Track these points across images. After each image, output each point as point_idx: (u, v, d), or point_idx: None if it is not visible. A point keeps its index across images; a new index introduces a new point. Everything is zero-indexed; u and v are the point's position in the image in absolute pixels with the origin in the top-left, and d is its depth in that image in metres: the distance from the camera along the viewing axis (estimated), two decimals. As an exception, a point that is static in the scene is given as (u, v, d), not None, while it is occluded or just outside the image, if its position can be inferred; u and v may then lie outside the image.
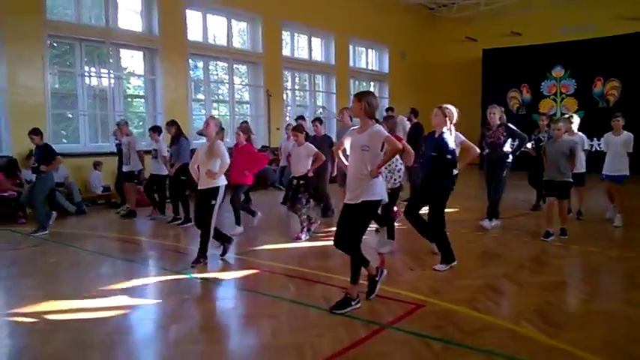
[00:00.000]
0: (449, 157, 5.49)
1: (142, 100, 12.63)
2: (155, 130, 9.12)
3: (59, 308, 4.50)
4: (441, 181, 5.54)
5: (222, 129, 6.16)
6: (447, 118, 5.57)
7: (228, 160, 6.01)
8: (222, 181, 5.94)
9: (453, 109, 5.70)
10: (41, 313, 4.37)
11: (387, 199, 4.55)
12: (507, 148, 7.37)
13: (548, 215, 6.93)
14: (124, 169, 9.49)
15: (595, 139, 15.24)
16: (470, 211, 8.92)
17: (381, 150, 4.38)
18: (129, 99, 12.76)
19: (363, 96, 4.44)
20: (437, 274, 5.38)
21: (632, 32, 15.71)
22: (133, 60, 12.53)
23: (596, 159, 8.74)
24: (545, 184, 7.00)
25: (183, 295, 4.85)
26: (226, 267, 5.93)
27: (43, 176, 7.96)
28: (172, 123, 8.95)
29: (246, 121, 11.44)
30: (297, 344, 3.61)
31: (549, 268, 5.65)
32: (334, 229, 4.64)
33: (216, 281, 5.34)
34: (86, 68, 11.43)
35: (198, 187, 6.01)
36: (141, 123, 12.50)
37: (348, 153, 4.62)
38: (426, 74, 20.41)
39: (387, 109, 11.56)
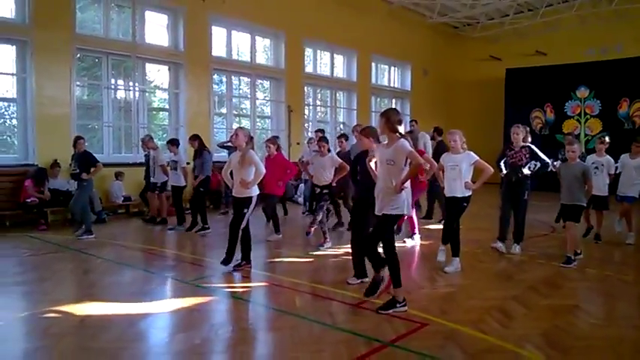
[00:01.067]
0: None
1: (166, 113, 12.89)
2: (173, 142, 9.39)
3: (71, 313, 4.61)
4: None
5: (252, 138, 6.50)
6: (374, 140, 5.50)
7: (263, 169, 6.34)
8: (255, 191, 6.28)
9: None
10: (54, 318, 4.49)
11: (410, 214, 4.82)
12: (526, 170, 7.14)
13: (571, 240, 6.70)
14: (152, 180, 9.89)
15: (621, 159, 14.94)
16: (485, 231, 8.83)
17: (405, 164, 4.56)
18: (153, 112, 13.04)
19: (384, 113, 4.74)
20: (445, 294, 5.36)
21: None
22: (158, 74, 12.84)
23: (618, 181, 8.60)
24: (562, 207, 6.92)
25: (190, 305, 4.92)
26: (237, 279, 5.99)
27: (84, 184, 8.38)
28: (195, 137, 9.27)
29: (277, 136, 11.73)
30: (297, 359, 3.64)
31: (561, 291, 5.56)
32: (346, 246, 4.82)
33: (225, 293, 5.41)
34: (112, 81, 11.74)
35: (233, 194, 6.41)
36: (164, 135, 12.74)
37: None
38: (448, 92, 20.39)
39: (411, 121, 11.63)
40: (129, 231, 9.44)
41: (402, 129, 4.66)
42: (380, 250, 4.81)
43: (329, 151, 7.91)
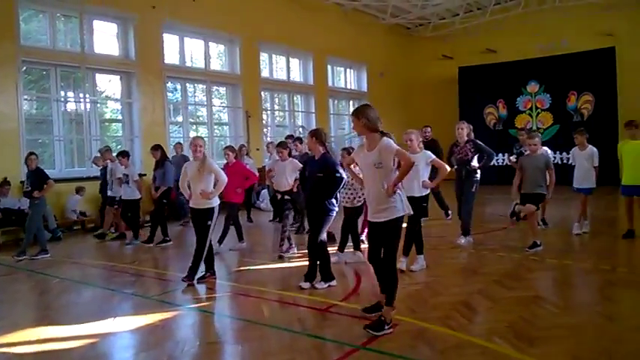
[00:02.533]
0: (337, 175, 5.52)
1: (119, 124, 12.56)
2: (124, 155, 9.06)
3: (27, 337, 4.40)
4: (325, 203, 5.55)
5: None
6: (317, 142, 5.65)
7: (225, 177, 6.17)
8: (216, 201, 6.13)
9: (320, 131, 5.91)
10: (8, 344, 4.27)
11: (411, 212, 4.47)
12: (475, 163, 7.40)
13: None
14: (109, 194, 9.53)
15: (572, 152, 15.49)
16: (449, 227, 8.98)
17: (395, 164, 4.24)
18: (105, 123, 12.68)
19: (359, 112, 4.24)
20: (412, 292, 5.38)
21: (604, 47, 16.09)
22: (109, 84, 12.50)
23: (569, 172, 8.86)
24: (523, 197, 7.09)
25: (154, 322, 4.77)
26: (201, 292, 5.86)
27: (36, 202, 8.04)
28: (157, 147, 9.09)
29: (244, 145, 11.64)
30: (267, 369, 3.58)
31: (524, 282, 5.68)
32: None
33: (190, 307, 5.28)
34: (62, 93, 11.36)
35: (191, 206, 6.21)
36: (118, 147, 12.39)
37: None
38: (404, 92, 20.66)
39: None
40: (86, 248, 9.13)
41: (381, 126, 4.27)
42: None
43: (290, 155, 7.85)
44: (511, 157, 8.99)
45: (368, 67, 19.41)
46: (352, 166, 5.34)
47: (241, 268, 6.87)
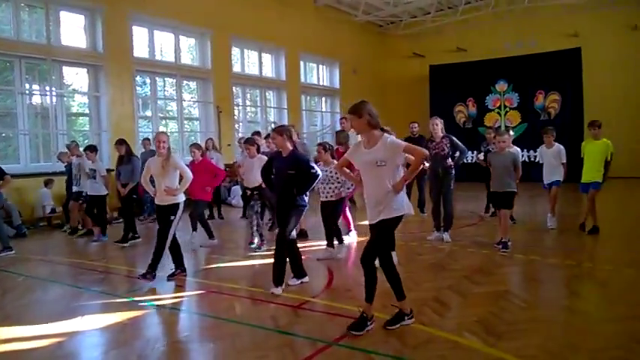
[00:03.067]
0: (313, 171, 5.50)
1: (87, 118, 12.28)
2: (91, 149, 8.82)
3: (-10, 339, 4.27)
4: (297, 199, 5.50)
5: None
6: (286, 138, 5.56)
7: (190, 174, 6.07)
8: (181, 197, 6.02)
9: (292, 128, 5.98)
10: (-30, 345, 4.13)
11: (412, 212, 4.25)
12: (449, 160, 7.50)
13: (504, 226, 7.03)
14: (74, 189, 9.31)
15: (538, 150, 15.84)
16: (419, 223, 9.08)
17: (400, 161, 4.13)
18: (72, 117, 12.39)
19: (361, 109, 4.06)
20: (385, 288, 5.40)
21: (571, 47, 16.49)
22: (76, 77, 12.21)
23: (536, 170, 9.06)
24: (492, 195, 7.20)
25: (123, 320, 4.69)
26: (172, 289, 5.79)
27: None
28: (122, 142, 8.81)
29: (211, 138, 11.48)
30: (240, 366, 3.55)
31: (493, 277, 5.78)
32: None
33: (160, 304, 5.20)
34: (27, 86, 11.05)
35: (157, 202, 6.09)
36: (85, 141, 12.13)
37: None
38: (376, 89, 20.74)
39: (341, 119, 11.62)
40: (52, 244, 8.91)
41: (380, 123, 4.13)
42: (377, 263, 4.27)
43: (258, 151, 7.79)
44: (479, 156, 9.14)
45: (340, 63, 19.44)
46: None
47: (211, 266, 6.81)
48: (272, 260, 5.45)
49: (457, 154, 7.54)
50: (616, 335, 3.94)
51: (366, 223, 4.29)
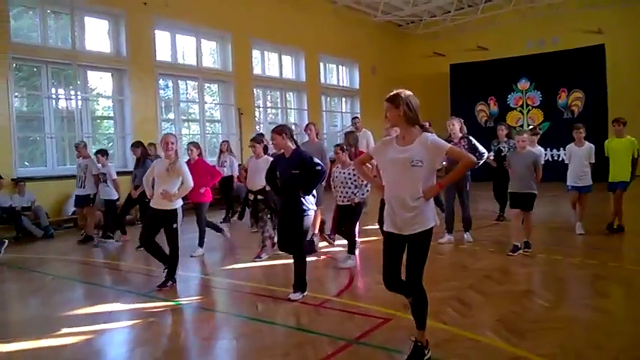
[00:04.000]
0: (318, 167, 5.27)
1: (111, 121, 12.52)
2: (102, 153, 8.88)
3: (19, 335, 4.40)
4: (302, 204, 5.27)
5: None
6: (287, 137, 5.38)
7: (191, 184, 5.84)
8: (179, 203, 5.80)
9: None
10: (3, 342, 4.27)
11: (438, 222, 3.73)
12: None
13: (515, 228, 6.90)
14: (78, 192, 9.11)
15: (562, 149, 15.65)
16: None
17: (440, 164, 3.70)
18: (97, 120, 12.64)
19: (398, 99, 3.58)
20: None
21: (593, 45, 16.22)
22: (101, 81, 12.45)
23: (559, 169, 8.93)
24: (510, 195, 6.98)
25: (148, 318, 4.79)
26: (194, 288, 5.89)
27: None
28: (138, 144, 8.90)
29: (226, 141, 11.50)
30: (262, 363, 3.61)
31: (514, 277, 5.75)
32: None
33: (182, 303, 5.30)
34: (53, 90, 11.30)
35: (152, 205, 5.86)
36: (110, 144, 12.37)
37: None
38: (395, 89, 20.64)
39: (354, 118, 11.58)
40: (78, 245, 9.08)
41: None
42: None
43: (265, 152, 7.45)
44: (490, 155, 8.79)
45: (360, 64, 19.44)
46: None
47: (232, 266, 6.86)
48: (289, 261, 5.40)
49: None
50: (638, 335, 3.90)
51: (373, 227, 4.25)
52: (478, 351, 3.71)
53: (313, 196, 5.46)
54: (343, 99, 19.66)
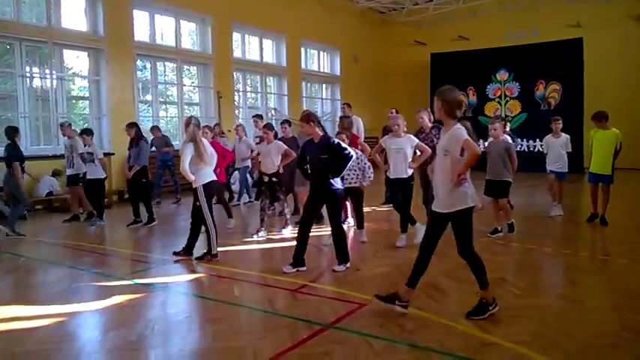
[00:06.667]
0: (347, 152, 5.53)
1: (87, 102, 12.27)
2: (87, 133, 8.83)
3: (-9, 318, 4.33)
4: (332, 184, 5.53)
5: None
6: (315, 124, 5.62)
7: (184, 166, 5.95)
8: (199, 182, 6.01)
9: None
10: (-29, 324, 4.19)
11: (478, 204, 4.23)
12: None
13: (496, 213, 7.21)
14: (68, 172, 9.28)
15: (538, 140, 15.91)
16: (419, 211, 9.10)
17: (462, 155, 4.00)
18: (73, 100, 12.37)
19: (440, 94, 4.07)
20: (382, 274, 5.49)
21: (573, 38, 16.41)
22: (77, 60, 12.18)
23: (536, 159, 9.09)
24: (488, 183, 7.19)
25: (123, 301, 4.74)
26: (171, 271, 5.84)
27: None
28: (132, 125, 8.90)
29: (218, 124, 11.45)
30: (237, 347, 3.61)
31: (489, 265, 5.71)
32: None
33: (159, 286, 5.26)
34: (27, 69, 11.02)
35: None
36: (85, 125, 12.12)
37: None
38: (377, 77, 20.72)
39: (343, 105, 11.51)
40: (52, 227, 8.95)
41: (459, 113, 4.06)
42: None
43: (275, 137, 7.91)
44: (485, 143, 8.99)
45: (341, 51, 19.38)
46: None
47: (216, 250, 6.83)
48: (270, 246, 5.47)
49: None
50: (608, 323, 4.00)
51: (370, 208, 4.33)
52: (452, 337, 3.76)
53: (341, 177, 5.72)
54: (324, 85, 19.60)
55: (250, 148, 10.25)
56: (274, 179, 7.53)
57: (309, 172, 5.76)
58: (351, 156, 5.58)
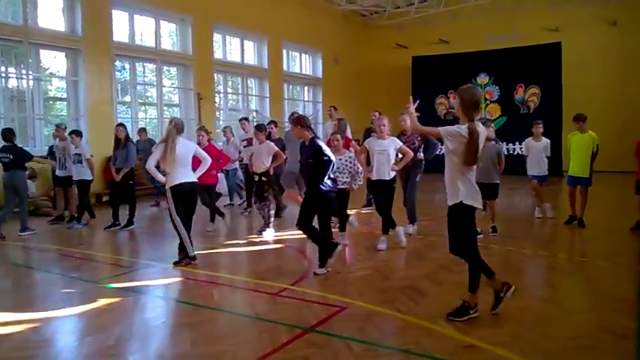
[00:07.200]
0: (325, 158, 5.51)
1: (64, 103, 12.07)
2: (76, 134, 8.82)
3: (-37, 324, 4.21)
4: (320, 187, 5.55)
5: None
6: (304, 128, 5.68)
7: (149, 164, 5.94)
8: (168, 184, 5.94)
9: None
10: (-58, 330, 4.08)
11: (478, 205, 4.22)
12: (420, 154, 7.35)
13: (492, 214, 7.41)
14: (59, 173, 9.21)
15: (517, 143, 16.12)
16: (400, 213, 9.13)
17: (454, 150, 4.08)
18: (50, 101, 12.16)
19: (458, 92, 4.08)
20: (362, 276, 5.48)
21: (551, 42, 16.65)
22: (54, 60, 11.97)
23: (515, 163, 9.18)
24: (477, 186, 7.23)
25: (100, 305, 4.66)
26: (150, 276, 5.76)
27: None
28: (124, 125, 8.87)
29: (228, 126, 11.28)
30: (217, 353, 3.57)
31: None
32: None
33: (137, 291, 5.18)
34: (2, 69, 10.81)
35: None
36: (63, 126, 11.92)
37: None
38: (358, 79, 20.76)
39: (330, 108, 11.33)
40: (66, 225, 8.86)
41: (476, 114, 4.04)
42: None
43: (268, 138, 8.10)
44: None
45: (323, 53, 19.38)
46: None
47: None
48: (251, 249, 5.43)
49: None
50: (585, 324, 4.04)
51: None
52: (431, 339, 3.76)
53: (333, 180, 5.72)
54: (306, 87, 19.58)
55: (238, 150, 10.22)
56: (264, 178, 7.71)
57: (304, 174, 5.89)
58: (330, 161, 5.54)
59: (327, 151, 5.64)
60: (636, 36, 16.34)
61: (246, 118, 10.85)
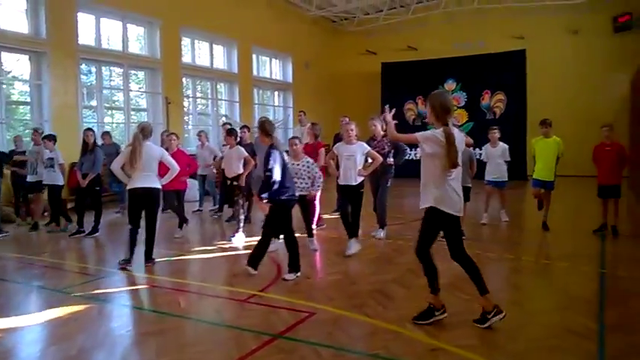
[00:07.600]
0: (267, 173, 5.43)
1: (28, 107, 11.76)
2: (50, 138, 8.69)
3: None
4: (274, 196, 5.53)
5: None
6: (264, 134, 5.71)
7: (113, 165, 6.14)
8: (128, 186, 6.03)
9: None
10: None
11: (459, 213, 4.35)
12: (390, 159, 7.38)
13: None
14: (29, 178, 9.04)
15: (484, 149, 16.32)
16: (368, 219, 9.18)
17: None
18: (13, 105, 11.84)
19: (428, 98, 4.15)
20: (331, 281, 5.49)
21: (516, 49, 17.04)
22: (17, 64, 11.66)
23: (481, 168, 9.31)
24: None
25: (64, 314, 4.54)
26: (115, 283, 5.65)
27: None
28: (92, 130, 8.75)
29: (203, 130, 11.22)
30: (183, 361, 3.52)
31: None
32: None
33: (102, 299, 5.07)
34: (-39, 71, 10.49)
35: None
36: (26, 131, 11.62)
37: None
38: (329, 85, 20.85)
39: (300, 112, 11.34)
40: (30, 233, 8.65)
41: (450, 119, 4.10)
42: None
43: (239, 143, 8.17)
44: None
45: (293, 58, 19.40)
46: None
47: (160, 259, 6.64)
48: (220, 254, 5.38)
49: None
50: (551, 325, 4.14)
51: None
52: (399, 342, 3.79)
53: (285, 187, 5.59)
54: (276, 92, 19.55)
55: (214, 154, 10.12)
56: (235, 183, 7.79)
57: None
58: (269, 175, 5.40)
59: (273, 162, 5.42)
60: (596, 44, 16.86)
61: (246, 126, 10.50)
